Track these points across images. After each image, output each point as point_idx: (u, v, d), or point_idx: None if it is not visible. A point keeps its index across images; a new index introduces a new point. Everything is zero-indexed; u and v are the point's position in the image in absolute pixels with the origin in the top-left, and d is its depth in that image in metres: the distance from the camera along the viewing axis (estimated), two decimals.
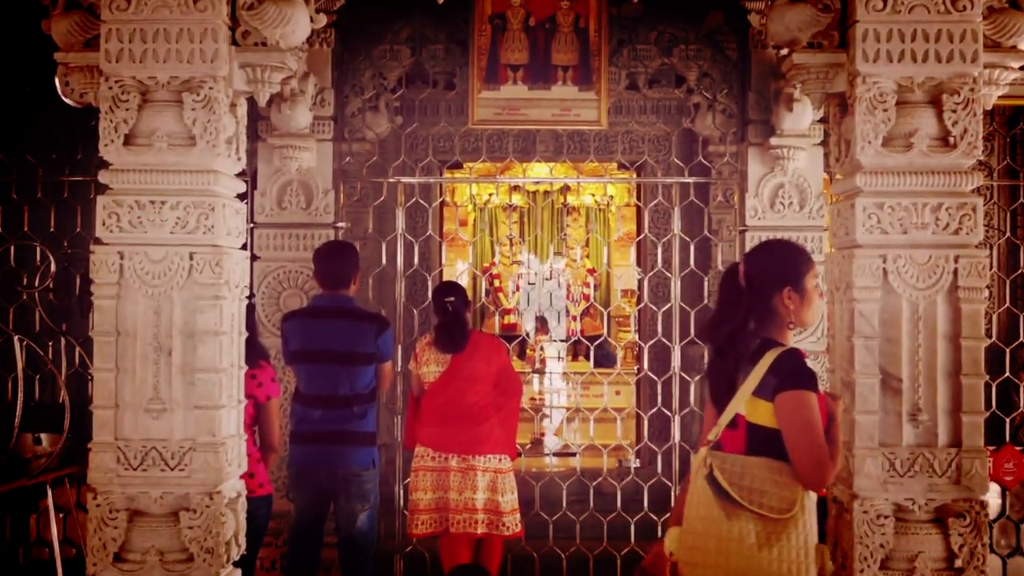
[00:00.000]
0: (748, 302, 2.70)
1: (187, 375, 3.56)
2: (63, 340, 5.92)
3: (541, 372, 9.58)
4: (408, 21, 5.76)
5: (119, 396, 3.56)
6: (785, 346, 2.66)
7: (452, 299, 4.86)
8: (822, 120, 5.20)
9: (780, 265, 2.72)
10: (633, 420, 7.28)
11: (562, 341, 10.61)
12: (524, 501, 5.08)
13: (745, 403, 2.61)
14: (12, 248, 6.02)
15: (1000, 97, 3.99)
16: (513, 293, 11.19)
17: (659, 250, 5.96)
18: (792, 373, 2.56)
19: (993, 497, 5.31)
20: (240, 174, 3.90)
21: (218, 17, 3.54)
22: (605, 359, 9.44)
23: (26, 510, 5.62)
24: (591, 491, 5.68)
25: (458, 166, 7.83)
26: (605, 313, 7.73)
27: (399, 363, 5.45)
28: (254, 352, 4.20)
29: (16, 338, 5.34)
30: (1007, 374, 5.79)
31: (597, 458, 6.17)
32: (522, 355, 10.43)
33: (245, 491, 3.82)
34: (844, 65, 3.76)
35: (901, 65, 3.58)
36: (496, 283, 11.53)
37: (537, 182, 10.62)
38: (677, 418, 5.61)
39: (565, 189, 11.35)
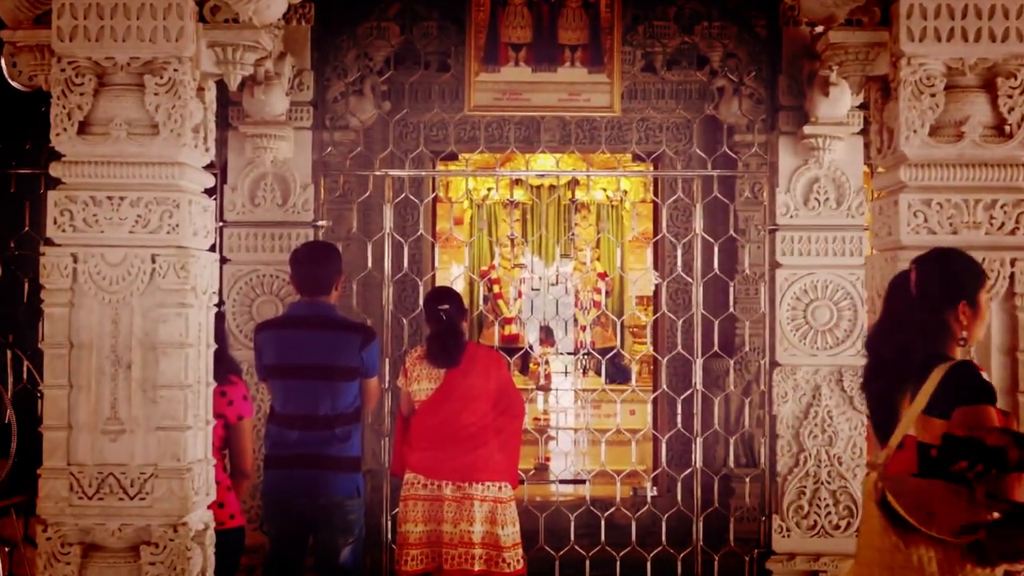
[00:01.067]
0: (919, 314, 2.75)
1: (148, 392, 3.56)
2: (9, 353, 5.92)
3: (546, 389, 9.57)
4: None
5: (72, 416, 3.57)
6: (954, 360, 2.72)
7: (446, 307, 4.85)
8: (862, 106, 5.20)
9: (958, 278, 2.82)
10: (649, 443, 7.27)
11: (570, 354, 10.61)
12: (527, 534, 5.07)
13: (915, 422, 2.65)
14: None
15: None
16: (515, 300, 11.20)
17: (679, 252, 5.95)
18: (970, 387, 2.63)
19: None
20: (208, 167, 3.91)
21: None
22: (618, 374, 9.43)
23: None
24: (602, 523, 5.68)
25: (453, 157, 7.84)
26: (618, 323, 7.73)
27: (386, 379, 5.45)
28: (224, 366, 4.19)
29: None
30: None
31: (609, 486, 6.16)
32: (525, 370, 10.42)
33: (214, 523, 3.81)
34: (887, 45, 3.76)
35: (950, 45, 3.58)
36: (496, 289, 11.52)
37: (542, 175, 10.62)
38: (699, 441, 5.60)
39: (573, 183, 11.35)
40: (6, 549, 5.36)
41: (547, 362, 10.13)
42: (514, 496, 4.91)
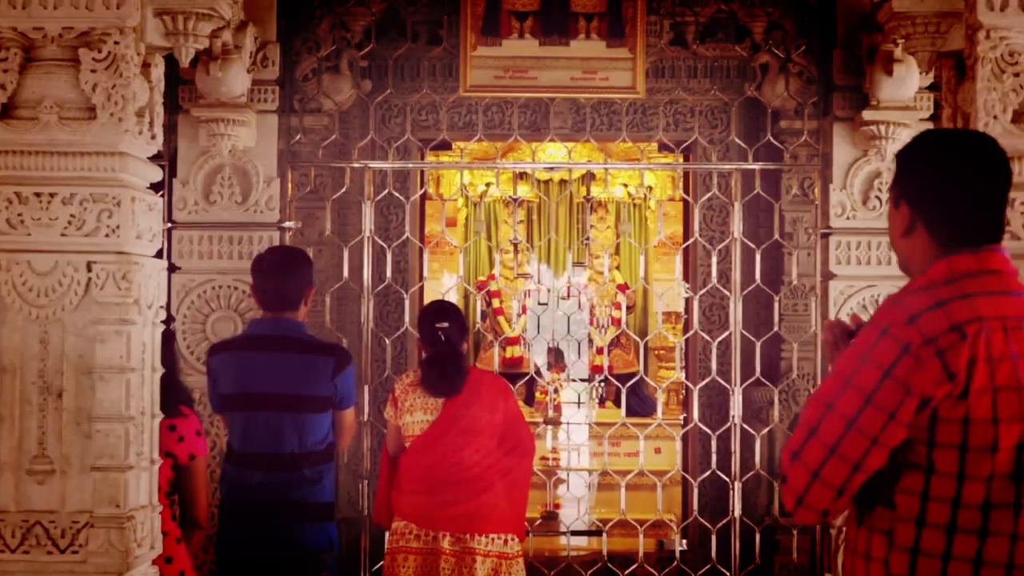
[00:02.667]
0: None
1: (83, 425, 3.56)
2: None
3: (555, 423, 9.55)
4: None
5: None
6: None
7: (445, 325, 4.83)
8: (932, 87, 5.21)
9: None
10: (678, 487, 7.26)
11: (583, 381, 10.59)
12: None
13: None
14: None
15: None
16: (518, 316, 11.16)
17: (713, 260, 5.95)
18: None
19: None
20: (155, 157, 3.92)
21: None
22: (641, 405, 9.41)
23: None
24: None
25: (445, 146, 7.83)
26: (641, 344, 7.71)
27: (365, 410, 5.45)
28: (173, 395, 4.19)
29: None
30: None
31: (630, 538, 6.15)
32: (530, 400, 10.40)
33: None
34: (961, 15, 3.77)
35: None
36: (496, 303, 11.51)
37: (551, 168, 10.62)
38: (738, 485, 5.59)
39: (588, 178, 11.35)
40: None
41: (556, 391, 10.12)
42: (521, 551, 4.90)
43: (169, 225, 5.34)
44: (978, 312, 2.09)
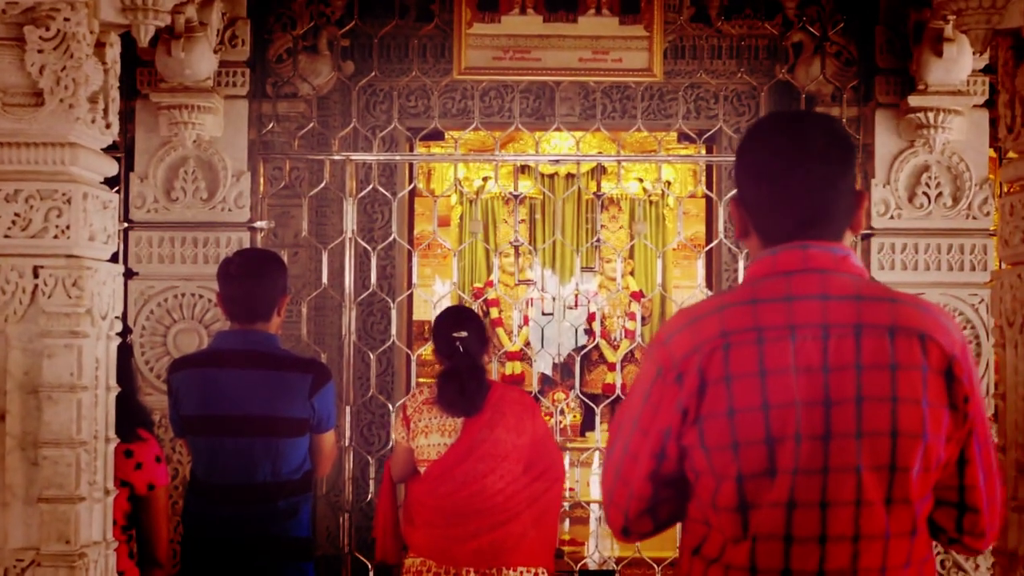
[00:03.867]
0: None
1: (28, 451, 3.56)
2: None
3: (561, 447, 9.55)
4: None
5: None
6: None
7: (464, 334, 4.80)
8: (987, 70, 5.21)
9: None
10: None
11: (590, 400, 10.60)
12: None
13: None
14: None
15: None
16: (519, 328, 11.18)
17: (740, 264, 5.96)
18: None
19: None
20: (110, 149, 3.92)
21: None
22: None
23: None
24: None
25: (437, 136, 7.85)
26: None
27: (346, 433, 5.45)
28: (130, 418, 4.19)
29: None
30: None
31: None
32: None
33: None
34: None
35: None
36: (494, 313, 11.51)
37: (556, 161, 10.63)
38: None
39: (598, 171, 11.35)
40: None
41: (563, 411, 10.12)
42: None
43: (125, 225, 5.34)
44: (725, 326, 2.13)
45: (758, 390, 2.09)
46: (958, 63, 5.07)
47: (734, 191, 2.34)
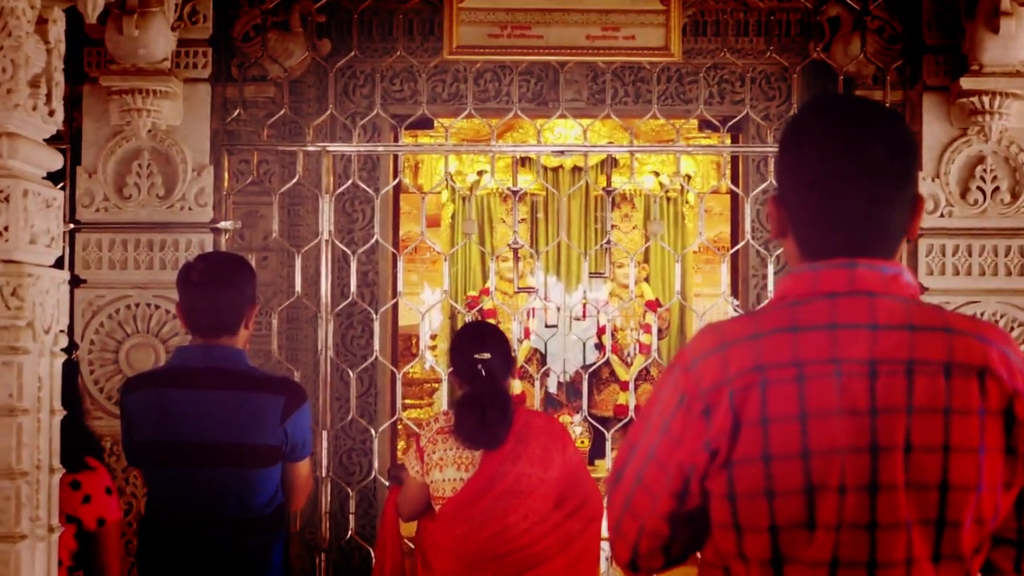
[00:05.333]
0: None
1: None
2: None
3: None
4: None
5: None
6: None
7: (487, 356, 4.76)
8: None
9: None
10: None
11: (599, 423, 10.60)
12: None
13: None
14: None
15: None
16: (520, 342, 11.19)
17: (770, 268, 5.96)
18: None
19: None
20: (54, 139, 3.92)
21: None
22: None
23: None
24: None
25: (425, 125, 7.86)
26: None
27: (323, 462, 5.45)
28: (77, 444, 4.19)
29: None
30: None
31: None
32: None
33: None
34: None
35: None
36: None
37: (561, 152, 10.63)
38: None
39: (609, 164, 11.36)
40: None
41: (570, 435, 10.13)
42: None
43: (72, 226, 5.35)
44: (761, 358, 2.11)
45: (798, 435, 2.07)
46: (1017, 40, 5.08)
47: (763, 184, 2.32)
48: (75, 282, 5.27)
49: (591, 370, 10.01)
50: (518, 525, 4.64)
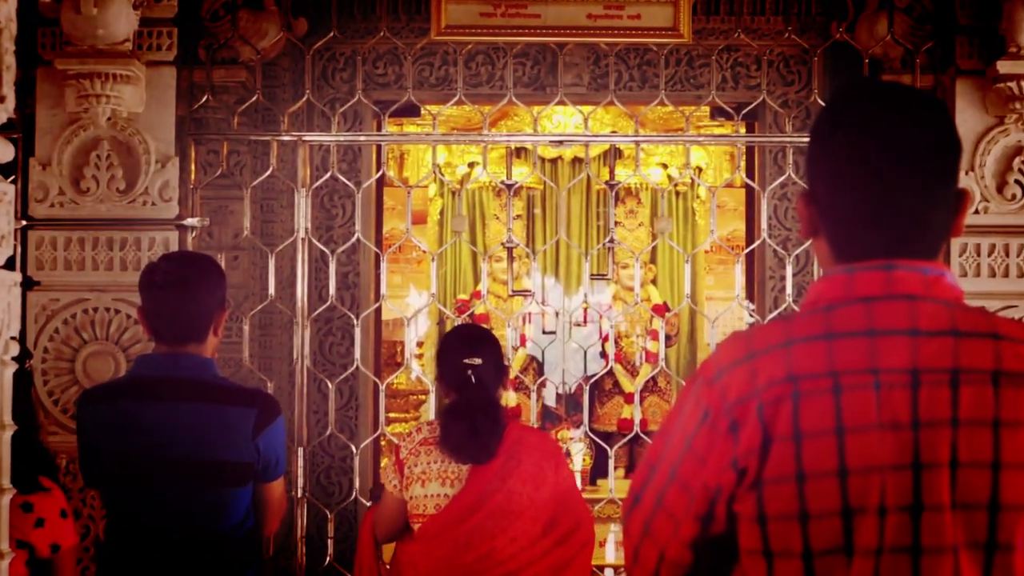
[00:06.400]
0: None
1: None
2: None
3: None
4: None
5: None
6: None
7: (478, 362, 4.75)
8: None
9: None
10: None
11: (602, 439, 10.62)
12: None
13: None
14: None
15: None
16: (515, 350, 11.19)
17: (788, 269, 5.96)
18: None
19: None
20: (5, 129, 3.92)
21: None
22: None
23: None
24: None
25: (412, 112, 7.86)
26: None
27: (298, 481, 5.44)
28: (30, 462, 4.19)
29: None
30: None
31: None
32: None
33: None
34: None
35: None
36: None
37: (560, 142, 10.64)
38: None
39: (612, 155, 11.37)
40: None
41: (569, 452, 10.12)
42: None
43: (24, 223, 5.34)
44: (793, 368, 2.10)
45: (834, 452, 2.05)
46: None
47: (780, 177, 2.31)
48: (27, 284, 5.27)
49: (593, 381, 9.98)
50: (505, 549, 4.63)
